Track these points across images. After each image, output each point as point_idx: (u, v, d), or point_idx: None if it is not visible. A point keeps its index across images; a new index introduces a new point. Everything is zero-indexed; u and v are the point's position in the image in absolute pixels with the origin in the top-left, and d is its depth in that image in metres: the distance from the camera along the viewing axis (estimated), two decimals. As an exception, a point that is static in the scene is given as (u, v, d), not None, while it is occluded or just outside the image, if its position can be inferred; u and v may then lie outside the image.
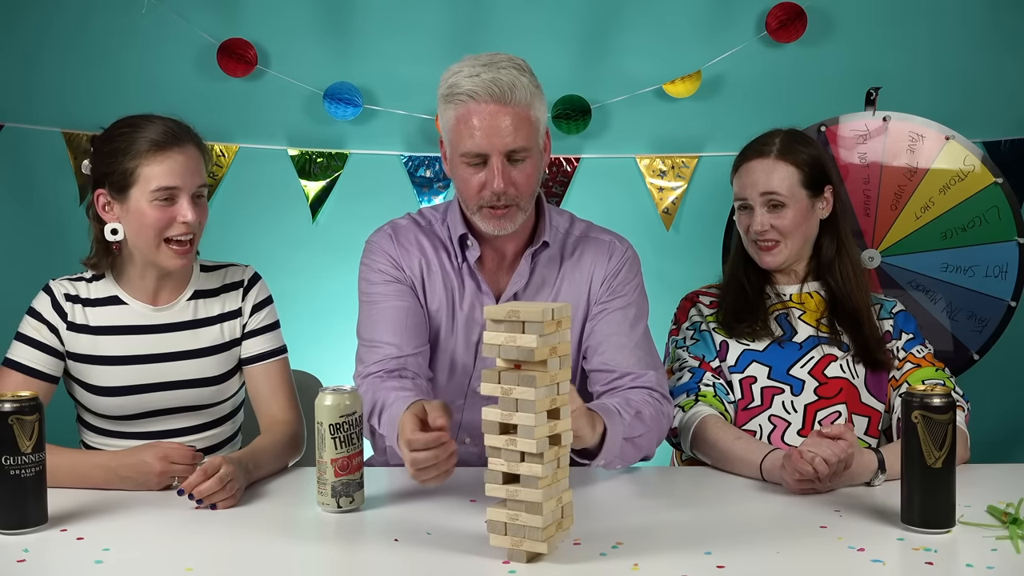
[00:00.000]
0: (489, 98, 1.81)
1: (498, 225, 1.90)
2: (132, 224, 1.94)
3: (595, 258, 2.02)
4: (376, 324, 1.97)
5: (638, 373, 1.96)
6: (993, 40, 3.05)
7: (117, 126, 1.96)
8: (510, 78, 1.82)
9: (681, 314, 2.25)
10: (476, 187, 1.87)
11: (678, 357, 2.17)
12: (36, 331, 1.98)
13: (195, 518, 1.70)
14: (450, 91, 1.84)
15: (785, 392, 2.10)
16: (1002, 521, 1.62)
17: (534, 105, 1.86)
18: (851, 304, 2.14)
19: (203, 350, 2.03)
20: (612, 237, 2.07)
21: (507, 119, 1.82)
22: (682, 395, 2.09)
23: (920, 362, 2.12)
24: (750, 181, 2.16)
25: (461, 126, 1.84)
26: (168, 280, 2.02)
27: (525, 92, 1.84)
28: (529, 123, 1.85)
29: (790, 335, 2.15)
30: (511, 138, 1.83)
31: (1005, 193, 2.80)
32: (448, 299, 2.00)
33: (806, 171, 2.15)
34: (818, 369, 2.11)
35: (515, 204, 1.89)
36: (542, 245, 1.99)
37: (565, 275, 2.01)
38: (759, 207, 2.15)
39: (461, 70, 1.85)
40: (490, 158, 1.84)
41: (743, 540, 1.58)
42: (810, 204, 2.16)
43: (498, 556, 1.49)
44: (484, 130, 1.82)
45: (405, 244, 2.01)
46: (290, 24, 3.08)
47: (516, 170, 1.86)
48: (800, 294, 2.20)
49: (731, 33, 3.06)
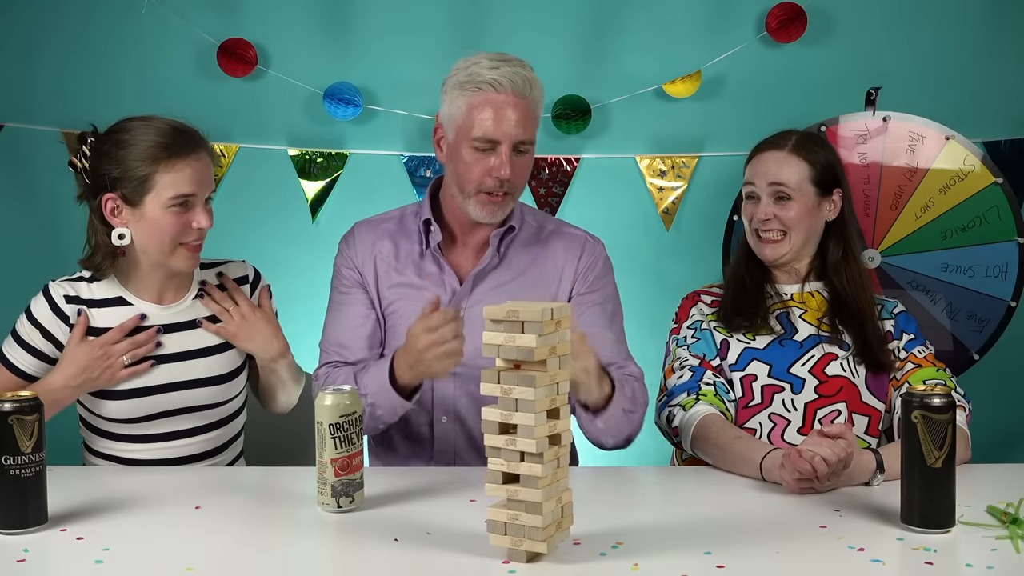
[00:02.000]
0: (511, 89, 1.94)
1: (491, 212, 2.01)
2: (145, 230, 1.93)
3: (568, 251, 2.11)
4: (329, 329, 2.13)
5: (622, 363, 2.05)
6: (994, 40, 3.05)
7: (122, 128, 1.94)
8: (527, 74, 1.97)
9: (682, 312, 2.25)
10: (480, 172, 1.97)
11: (678, 356, 2.17)
12: (28, 335, 1.98)
13: (195, 518, 1.70)
14: (469, 79, 1.95)
15: (785, 390, 2.10)
16: (1002, 521, 1.62)
17: (540, 103, 2.01)
18: (856, 306, 2.15)
19: (210, 348, 2.04)
20: (586, 234, 2.17)
21: (521, 111, 1.96)
22: (683, 394, 2.09)
23: (921, 362, 2.12)
24: (761, 170, 2.19)
25: (476, 112, 1.95)
26: (174, 280, 2.03)
27: (538, 90, 1.99)
28: (536, 119, 2.00)
29: (791, 333, 2.15)
30: (522, 129, 1.96)
31: (1005, 193, 2.80)
32: (410, 282, 2.08)
33: (817, 169, 2.18)
34: (818, 368, 2.11)
35: (511, 193, 2.01)
36: (508, 229, 2.07)
37: (534, 261, 2.09)
38: (765, 196, 2.17)
39: (480, 62, 1.97)
40: (500, 145, 1.96)
41: (743, 540, 1.58)
42: (817, 203, 2.18)
43: (498, 556, 1.49)
44: (501, 119, 1.94)
45: (357, 242, 2.13)
46: (290, 24, 3.08)
47: (519, 160, 1.99)
48: (801, 293, 2.21)
49: (731, 33, 3.06)
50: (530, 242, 2.11)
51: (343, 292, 2.12)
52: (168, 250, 1.94)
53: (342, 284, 2.13)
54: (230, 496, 1.81)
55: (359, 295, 2.11)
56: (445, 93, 2.01)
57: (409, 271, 2.10)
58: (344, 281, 2.13)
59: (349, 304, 2.11)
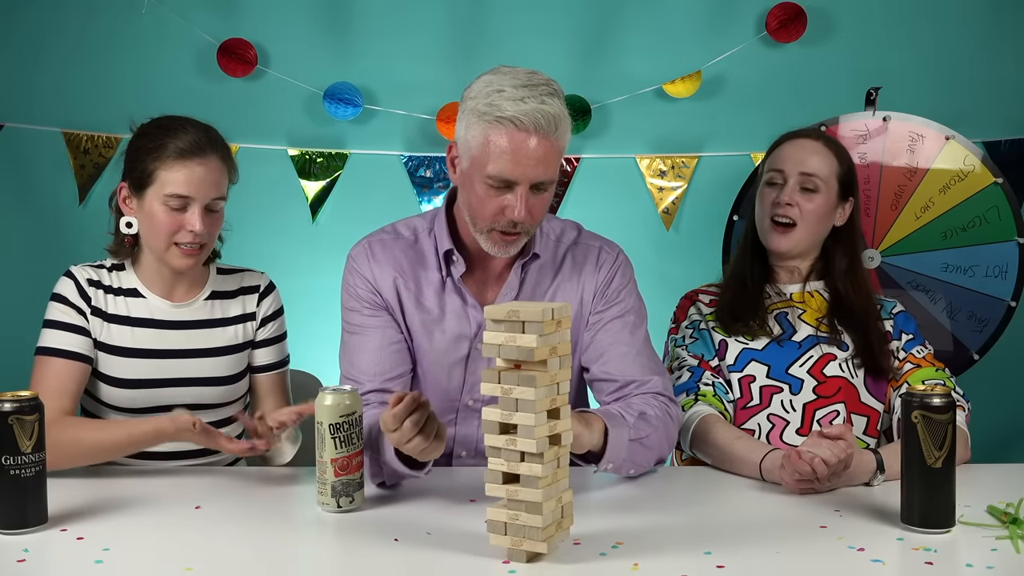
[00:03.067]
0: (533, 129, 1.75)
1: (504, 249, 1.86)
2: (144, 222, 1.97)
3: (585, 267, 1.99)
4: (356, 357, 1.94)
5: (642, 380, 1.93)
6: (993, 40, 3.05)
7: (153, 125, 1.99)
8: (556, 110, 1.77)
9: (680, 312, 2.25)
10: (494, 210, 1.81)
11: (677, 356, 2.17)
12: (65, 314, 1.98)
13: (195, 518, 1.70)
14: (489, 110, 1.76)
15: (784, 391, 2.10)
16: (1002, 521, 1.62)
17: (564, 138, 1.82)
18: (861, 315, 2.15)
19: (218, 349, 2.05)
20: (602, 243, 2.04)
21: (543, 152, 1.77)
22: (681, 394, 2.08)
23: (920, 362, 2.12)
24: (794, 156, 2.17)
25: (493, 148, 1.77)
26: (183, 278, 2.04)
27: (563, 127, 1.79)
28: (559, 156, 1.82)
29: (789, 334, 2.15)
30: (543, 170, 1.79)
31: (1005, 193, 2.80)
32: (431, 315, 1.95)
33: (844, 168, 2.19)
34: (817, 368, 2.11)
35: (525, 232, 1.86)
36: (532, 256, 1.96)
37: (556, 285, 1.98)
38: (792, 182, 2.16)
39: (503, 90, 1.77)
40: (517, 186, 1.79)
41: (743, 540, 1.58)
42: (835, 203, 2.18)
43: (498, 556, 1.49)
44: (519, 160, 1.76)
45: (381, 261, 1.96)
46: (290, 24, 3.08)
47: (535, 199, 1.82)
48: (802, 293, 2.20)
49: (731, 33, 3.06)
50: (549, 264, 1.98)
51: (365, 315, 1.94)
52: (163, 246, 1.96)
53: (363, 306, 1.95)
54: (230, 496, 1.81)
55: (386, 318, 1.94)
56: (463, 113, 1.82)
57: (430, 301, 1.95)
58: (364, 303, 1.95)
59: (379, 328, 1.93)
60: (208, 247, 2.00)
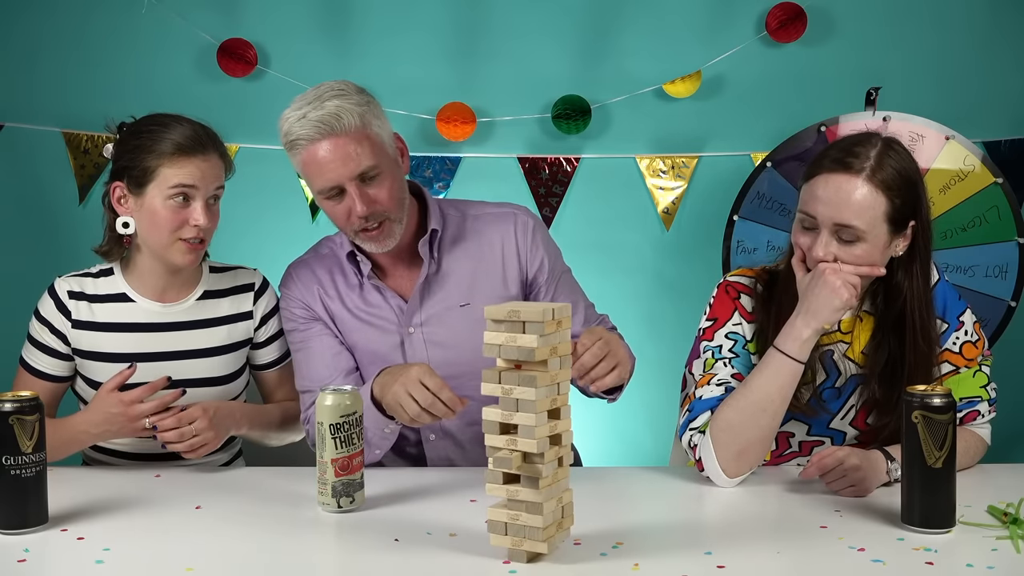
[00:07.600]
0: (319, 135, 1.85)
1: (379, 244, 1.94)
2: (145, 220, 1.95)
3: (501, 230, 2.04)
4: (305, 369, 2.04)
5: (595, 321, 2.10)
6: (994, 41, 3.05)
7: (146, 122, 1.97)
8: (333, 108, 1.85)
9: (719, 307, 1.92)
10: (343, 216, 1.91)
11: (716, 370, 1.88)
12: (39, 334, 2.00)
13: (195, 518, 1.70)
14: (286, 140, 1.89)
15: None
16: (1002, 521, 1.62)
17: (368, 122, 1.88)
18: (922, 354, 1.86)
19: (211, 350, 2.04)
20: (508, 208, 2.09)
21: (344, 147, 1.85)
22: (705, 412, 1.83)
23: (957, 361, 1.94)
24: (825, 199, 1.75)
25: (305, 169, 1.89)
26: (176, 278, 2.03)
27: (351, 115, 1.86)
28: (369, 141, 1.88)
29: (833, 379, 1.90)
30: (355, 163, 1.86)
31: (1005, 193, 2.80)
32: (358, 315, 2.02)
33: (896, 204, 1.76)
34: (859, 419, 1.94)
35: (386, 219, 1.92)
36: (431, 232, 2.00)
37: (471, 254, 2.03)
38: (827, 233, 1.77)
39: (289, 116, 1.88)
40: (345, 187, 1.88)
41: (743, 540, 1.58)
42: (888, 241, 1.78)
43: (498, 556, 1.49)
44: (326, 165, 1.86)
45: (305, 279, 2.06)
46: (290, 24, 3.08)
47: (373, 188, 1.89)
48: (852, 320, 1.89)
49: (731, 33, 3.06)
50: (459, 236, 2.04)
51: (303, 331, 2.05)
52: (167, 243, 1.95)
53: (299, 323, 2.05)
54: (230, 496, 1.81)
55: (320, 327, 2.04)
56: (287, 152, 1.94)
57: (353, 303, 2.04)
58: (300, 319, 2.05)
59: (317, 337, 2.04)
60: (207, 242, 2.00)
